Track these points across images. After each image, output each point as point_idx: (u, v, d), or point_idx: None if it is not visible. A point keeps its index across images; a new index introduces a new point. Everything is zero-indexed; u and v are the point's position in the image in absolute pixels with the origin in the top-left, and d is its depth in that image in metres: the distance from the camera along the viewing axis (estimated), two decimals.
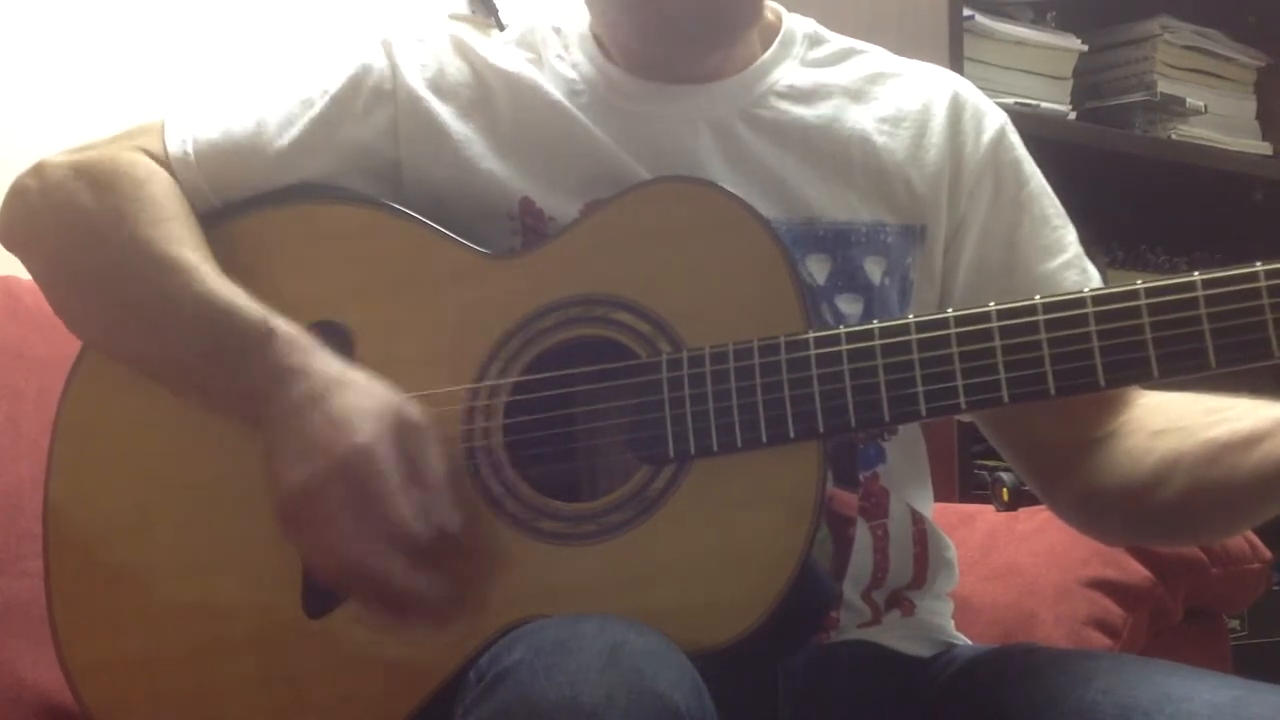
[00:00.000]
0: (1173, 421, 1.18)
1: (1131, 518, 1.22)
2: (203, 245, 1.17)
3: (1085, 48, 2.38)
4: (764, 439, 1.07)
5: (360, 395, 1.08)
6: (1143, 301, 1.02)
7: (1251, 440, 1.08)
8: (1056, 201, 1.31)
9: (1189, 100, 2.46)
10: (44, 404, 1.38)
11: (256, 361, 1.10)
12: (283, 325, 1.11)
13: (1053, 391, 1.04)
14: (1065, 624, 1.56)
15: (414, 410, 1.08)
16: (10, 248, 1.24)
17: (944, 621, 1.30)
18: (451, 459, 1.08)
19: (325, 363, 1.10)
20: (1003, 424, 1.29)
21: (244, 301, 1.12)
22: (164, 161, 1.22)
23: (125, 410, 1.20)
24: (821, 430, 1.06)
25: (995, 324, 1.05)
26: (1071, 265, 1.27)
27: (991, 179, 1.29)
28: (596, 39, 1.29)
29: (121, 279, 1.17)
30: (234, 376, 1.12)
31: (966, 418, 1.30)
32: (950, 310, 1.07)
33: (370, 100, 1.24)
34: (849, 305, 1.22)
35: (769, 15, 1.32)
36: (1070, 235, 1.29)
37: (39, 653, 1.33)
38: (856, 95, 1.29)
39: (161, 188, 1.20)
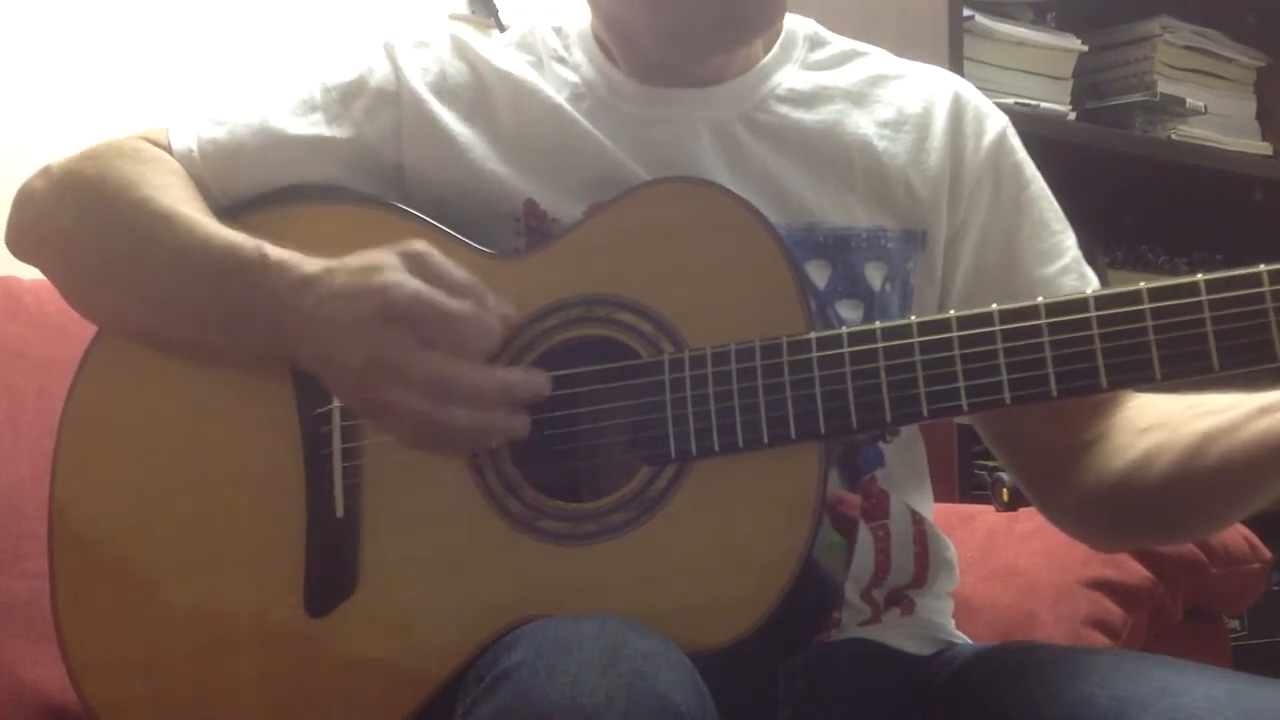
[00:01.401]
0: (1158, 418, 1.18)
1: (1119, 515, 1.22)
2: (205, 207, 1.19)
3: (1085, 48, 2.38)
4: (765, 439, 1.07)
5: (357, 263, 1.09)
6: (1146, 305, 1.02)
7: (1233, 428, 1.08)
8: (1056, 206, 1.31)
9: (1189, 100, 2.46)
10: (44, 404, 1.39)
11: (262, 293, 1.11)
12: (274, 251, 1.12)
13: (1055, 393, 1.03)
14: (1065, 624, 1.56)
15: (406, 244, 1.10)
16: (20, 254, 1.25)
17: (944, 620, 1.30)
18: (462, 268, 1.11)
19: (318, 266, 1.11)
20: (998, 429, 1.29)
21: (240, 238, 1.14)
22: None
23: (130, 409, 1.20)
24: (823, 431, 1.06)
25: (997, 326, 1.05)
26: (1070, 270, 1.27)
27: (991, 181, 1.28)
28: (598, 39, 1.28)
29: (134, 242, 1.18)
30: (246, 312, 1.12)
31: (966, 419, 1.30)
32: (952, 311, 1.07)
33: (373, 102, 1.25)
34: (849, 311, 1.22)
35: None
36: (1069, 240, 1.29)
37: (39, 653, 1.33)
38: (858, 99, 1.29)
39: (167, 165, 1.22)
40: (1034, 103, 2.28)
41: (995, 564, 1.63)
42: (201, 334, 1.17)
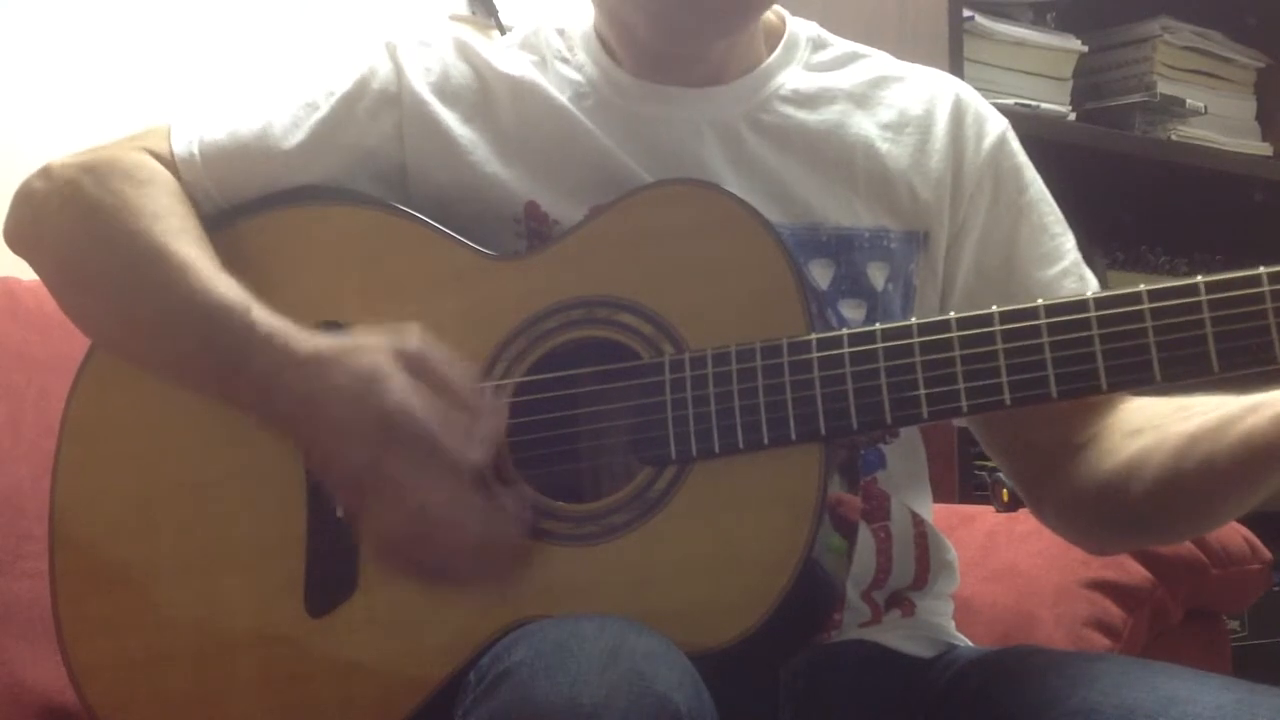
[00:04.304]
0: (1147, 421, 1.18)
1: (1109, 517, 1.22)
2: (203, 240, 1.18)
3: (1085, 48, 2.38)
4: (765, 440, 1.07)
5: (355, 362, 1.08)
6: (1145, 305, 1.02)
7: (1219, 428, 1.08)
8: (1056, 208, 1.31)
9: (1189, 101, 2.46)
10: (44, 404, 1.39)
11: (252, 356, 1.11)
12: (261, 319, 1.11)
13: (1054, 394, 1.03)
14: (1065, 625, 1.56)
15: (407, 340, 1.09)
16: (18, 250, 1.25)
17: (944, 622, 1.30)
18: (459, 368, 1.10)
19: (308, 348, 1.10)
20: (992, 430, 1.29)
21: (229, 294, 1.12)
22: (170, 163, 1.23)
23: (131, 410, 1.20)
24: (823, 432, 1.06)
25: (998, 327, 1.05)
26: (1069, 273, 1.27)
27: (991, 184, 1.29)
28: (601, 39, 1.29)
29: (125, 273, 1.17)
30: (233, 374, 1.12)
31: (962, 421, 1.30)
32: (952, 313, 1.07)
33: (375, 104, 1.25)
34: (852, 310, 1.22)
35: (773, 18, 1.32)
36: (1069, 243, 1.29)
37: (39, 653, 1.33)
38: (860, 100, 1.29)
39: (165, 187, 1.20)
40: (1034, 103, 2.28)
41: (995, 565, 1.63)
42: (186, 375, 1.17)
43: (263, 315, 1.11)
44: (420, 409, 1.06)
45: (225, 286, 1.13)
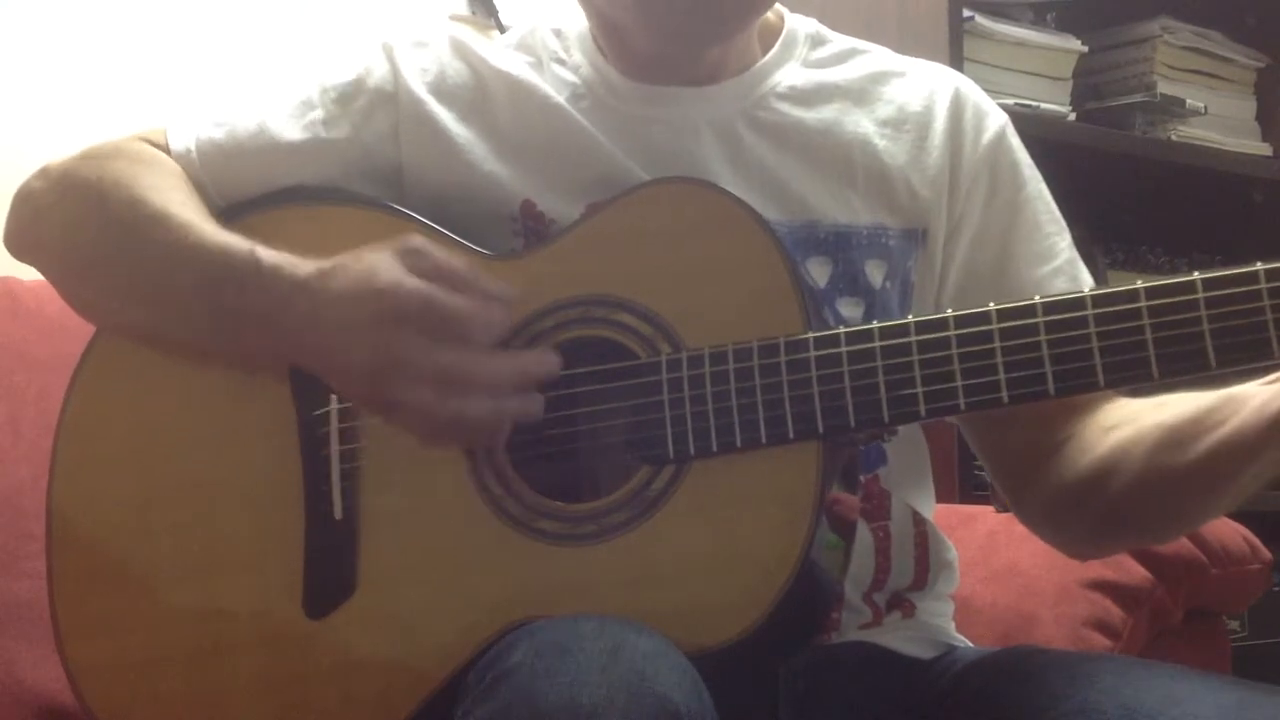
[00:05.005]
0: (1125, 417, 1.18)
1: (1089, 514, 1.21)
2: (203, 210, 1.19)
3: (1085, 49, 2.38)
4: (763, 439, 1.07)
5: (354, 263, 1.09)
6: (1143, 303, 1.02)
7: (1198, 419, 1.09)
8: (1053, 206, 1.30)
9: (1189, 101, 2.46)
10: (44, 404, 1.39)
11: (255, 297, 1.11)
12: (267, 255, 1.12)
13: (1052, 391, 1.03)
14: (1065, 625, 1.56)
15: (403, 240, 1.10)
16: (19, 254, 1.25)
17: (945, 623, 1.30)
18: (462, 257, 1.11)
19: (311, 268, 1.11)
20: (977, 430, 1.29)
21: (233, 241, 1.14)
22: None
23: (129, 411, 1.20)
24: (821, 430, 1.06)
25: (995, 325, 1.04)
26: (1062, 272, 1.27)
27: (987, 179, 1.28)
28: (596, 41, 1.28)
29: (128, 241, 1.17)
30: (242, 317, 1.12)
31: (952, 421, 1.30)
32: (950, 310, 1.07)
33: (372, 103, 1.25)
34: (850, 308, 1.22)
35: (770, 16, 1.32)
36: (1064, 242, 1.29)
37: (39, 653, 1.33)
38: (859, 97, 1.29)
39: (166, 168, 1.22)
40: (1034, 104, 2.28)
41: (995, 565, 1.63)
42: (195, 334, 1.17)
43: (267, 252, 1.12)
44: (422, 287, 1.06)
45: (228, 237, 1.14)
